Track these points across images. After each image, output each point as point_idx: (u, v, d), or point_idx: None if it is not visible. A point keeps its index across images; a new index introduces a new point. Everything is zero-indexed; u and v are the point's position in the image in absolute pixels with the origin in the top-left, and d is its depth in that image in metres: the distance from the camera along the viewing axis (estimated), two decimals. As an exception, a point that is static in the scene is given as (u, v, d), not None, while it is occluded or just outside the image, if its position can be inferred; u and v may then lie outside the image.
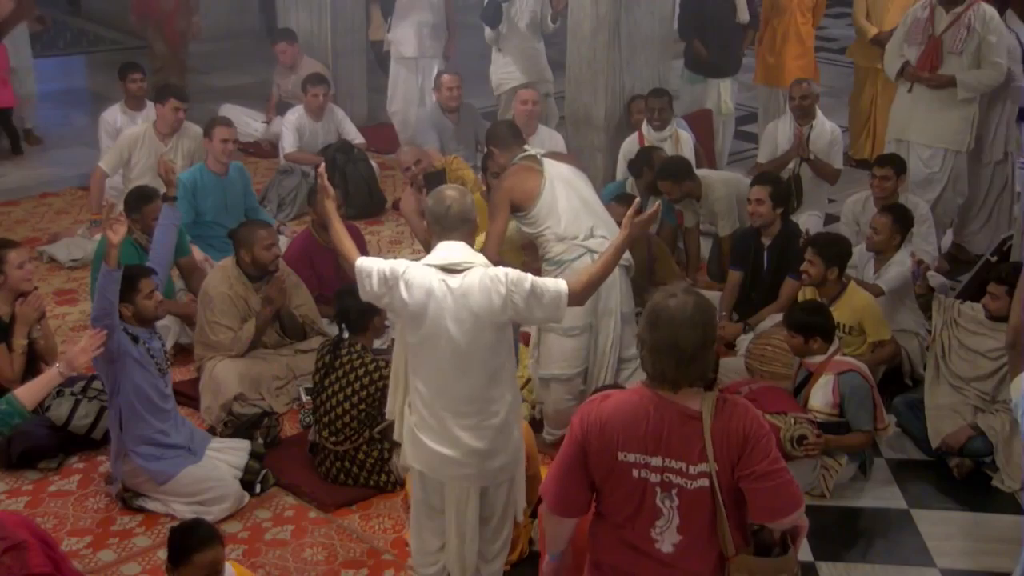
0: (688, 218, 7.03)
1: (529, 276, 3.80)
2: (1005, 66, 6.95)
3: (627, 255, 5.25)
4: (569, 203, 5.19)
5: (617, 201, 6.25)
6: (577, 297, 3.85)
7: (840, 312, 5.60)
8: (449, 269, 3.78)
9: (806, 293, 5.84)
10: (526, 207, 5.19)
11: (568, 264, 5.11)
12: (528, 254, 6.43)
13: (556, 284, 3.81)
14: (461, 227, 3.87)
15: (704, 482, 3.03)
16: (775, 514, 3.09)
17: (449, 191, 3.94)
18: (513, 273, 3.78)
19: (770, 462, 3.04)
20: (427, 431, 3.88)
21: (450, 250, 3.83)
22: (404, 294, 3.79)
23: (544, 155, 5.39)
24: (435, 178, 6.76)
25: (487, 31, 8.57)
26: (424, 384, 3.86)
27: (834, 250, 5.73)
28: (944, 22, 6.92)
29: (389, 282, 3.83)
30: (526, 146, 5.41)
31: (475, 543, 3.98)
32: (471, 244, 3.90)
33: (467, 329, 3.74)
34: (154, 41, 9.94)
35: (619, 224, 5.41)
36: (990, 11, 6.92)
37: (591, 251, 5.11)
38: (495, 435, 3.85)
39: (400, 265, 3.85)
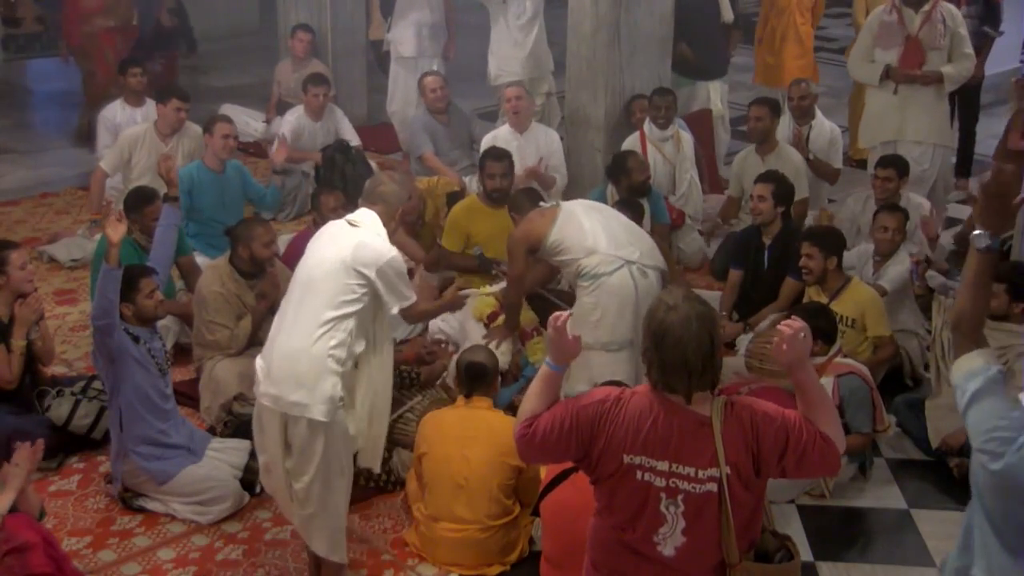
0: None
1: (403, 264, 4.32)
2: (974, 56, 7.26)
3: (660, 259, 5.31)
4: (592, 220, 5.24)
5: (620, 206, 6.22)
6: (409, 317, 4.49)
7: (843, 305, 5.62)
8: (351, 223, 4.31)
9: (810, 294, 5.84)
10: (542, 240, 5.27)
11: (605, 277, 5.09)
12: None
13: (408, 296, 4.27)
14: (379, 203, 4.37)
15: (712, 487, 3.02)
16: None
17: (391, 180, 4.50)
18: (393, 250, 4.23)
19: (794, 443, 3.03)
20: (265, 347, 4.31)
21: (362, 213, 4.34)
22: (313, 238, 4.43)
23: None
24: (457, 197, 6.85)
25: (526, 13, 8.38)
26: (282, 306, 4.31)
27: (830, 239, 5.77)
28: (916, 21, 7.09)
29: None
30: (542, 202, 5.61)
31: (280, 469, 4.21)
32: (385, 223, 4.32)
33: (328, 268, 4.15)
34: (92, 67, 9.24)
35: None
36: (951, 6, 7.23)
37: (628, 261, 5.10)
38: (300, 370, 4.06)
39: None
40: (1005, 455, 2.87)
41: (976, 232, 3.05)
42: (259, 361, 4.26)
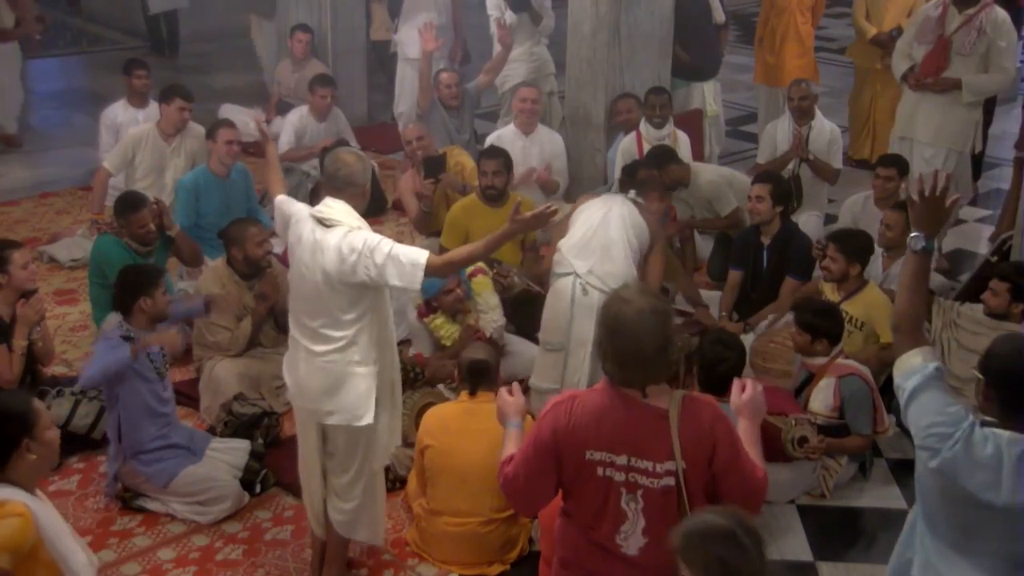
0: (682, 209, 7.03)
1: (390, 242, 3.98)
2: (1013, 71, 6.94)
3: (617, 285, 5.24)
4: (582, 223, 5.32)
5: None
6: (435, 270, 4.00)
7: (854, 307, 5.62)
8: (322, 221, 4.04)
9: (825, 291, 5.84)
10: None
11: (555, 278, 5.25)
12: (528, 256, 6.44)
13: (417, 253, 3.97)
14: (347, 189, 4.10)
15: (670, 480, 3.04)
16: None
17: (349, 156, 4.18)
18: (372, 239, 3.98)
19: (738, 458, 3.06)
20: (288, 356, 4.28)
21: (329, 206, 4.07)
22: (291, 236, 4.19)
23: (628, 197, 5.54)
24: (435, 163, 6.83)
25: (505, 19, 8.38)
26: (292, 313, 4.22)
27: (856, 245, 5.74)
28: (956, 22, 6.90)
29: (287, 223, 4.23)
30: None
31: (317, 469, 4.30)
32: (354, 206, 4.11)
33: (319, 280, 4.02)
34: None
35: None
36: (1002, 15, 6.90)
37: (576, 274, 5.19)
38: (329, 383, 4.09)
39: (298, 211, 4.20)
40: (942, 451, 2.87)
41: (912, 234, 3.09)
42: (287, 376, 4.29)
